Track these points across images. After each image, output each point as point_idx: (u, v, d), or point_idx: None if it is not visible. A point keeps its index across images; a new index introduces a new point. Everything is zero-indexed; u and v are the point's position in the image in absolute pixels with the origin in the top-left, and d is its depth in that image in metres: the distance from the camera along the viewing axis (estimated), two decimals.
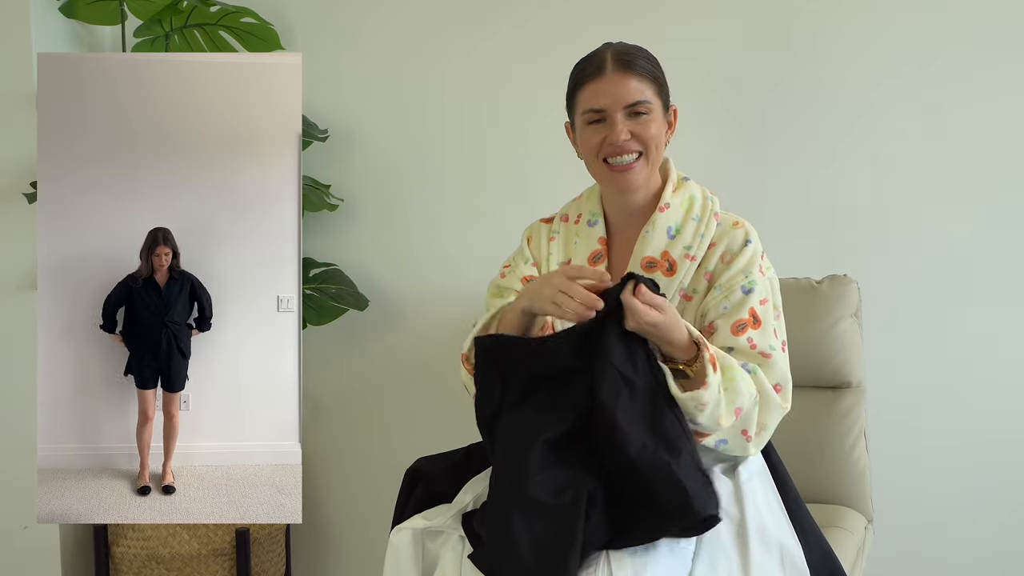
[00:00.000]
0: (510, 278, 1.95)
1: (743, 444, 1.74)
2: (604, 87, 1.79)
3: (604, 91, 1.79)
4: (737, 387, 1.69)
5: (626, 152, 1.79)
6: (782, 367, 1.79)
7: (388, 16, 2.75)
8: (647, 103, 1.79)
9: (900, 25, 2.50)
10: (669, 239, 1.83)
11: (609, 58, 1.80)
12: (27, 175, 2.53)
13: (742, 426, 1.72)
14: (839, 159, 2.55)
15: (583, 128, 1.83)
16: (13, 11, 2.52)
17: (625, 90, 1.78)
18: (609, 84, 1.78)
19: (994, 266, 2.50)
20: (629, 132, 1.79)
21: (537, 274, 1.93)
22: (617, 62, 1.79)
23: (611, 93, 1.78)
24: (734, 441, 1.73)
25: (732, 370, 1.70)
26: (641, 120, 1.79)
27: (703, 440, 1.71)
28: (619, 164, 1.80)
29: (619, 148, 1.79)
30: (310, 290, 2.64)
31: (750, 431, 1.73)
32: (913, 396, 2.54)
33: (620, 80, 1.78)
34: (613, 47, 1.82)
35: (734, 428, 1.71)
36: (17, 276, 2.56)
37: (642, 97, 1.78)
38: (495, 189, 2.72)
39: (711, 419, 1.67)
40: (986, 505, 2.54)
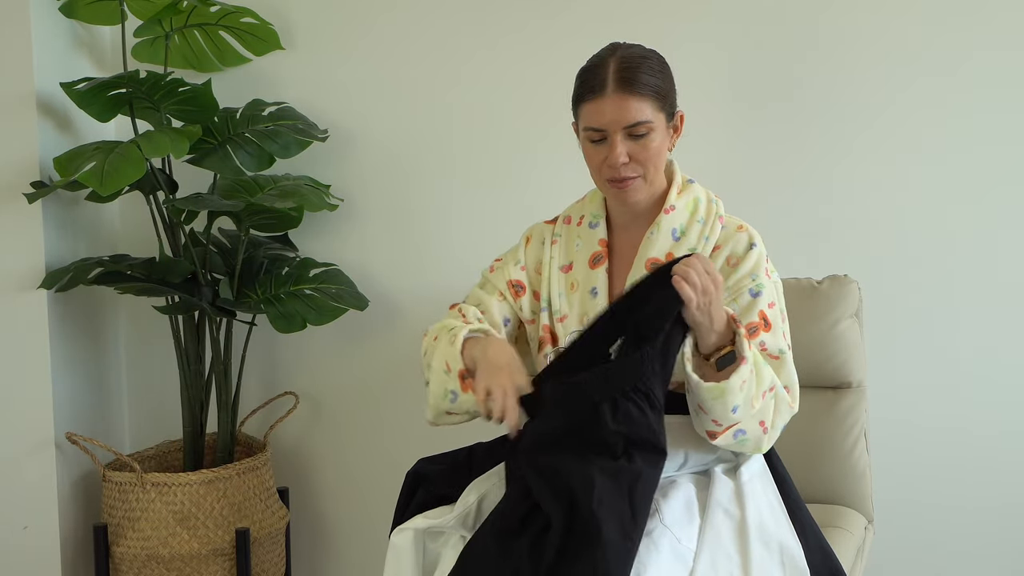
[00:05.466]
0: (497, 275, 1.97)
1: (759, 436, 1.75)
2: (604, 108, 1.78)
3: (604, 112, 1.78)
4: (762, 371, 1.73)
5: (625, 175, 1.80)
6: (791, 369, 1.81)
7: (388, 16, 2.75)
8: (647, 123, 1.78)
9: (901, 27, 2.50)
10: (674, 241, 1.84)
11: (611, 75, 1.78)
12: (27, 175, 2.53)
13: (761, 416, 1.73)
14: (840, 159, 2.55)
15: (585, 143, 1.84)
16: (13, 11, 2.51)
17: (625, 112, 1.77)
18: (609, 105, 1.78)
19: (994, 266, 2.50)
20: (628, 155, 1.79)
21: (525, 280, 1.95)
22: (618, 80, 1.77)
23: (610, 114, 1.78)
24: (752, 431, 1.74)
25: (756, 352, 1.73)
26: (641, 141, 1.79)
27: (722, 435, 1.72)
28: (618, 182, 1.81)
29: (617, 171, 1.80)
30: (310, 290, 2.64)
31: (767, 422, 1.74)
32: (913, 396, 2.54)
33: (620, 101, 1.77)
34: (617, 56, 1.80)
35: (756, 416, 1.72)
36: (17, 275, 2.56)
37: (642, 117, 1.78)
38: (495, 189, 2.72)
39: (747, 400, 1.69)
40: (986, 505, 2.54)
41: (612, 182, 1.82)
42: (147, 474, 2.52)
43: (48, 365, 2.57)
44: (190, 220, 2.64)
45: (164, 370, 2.82)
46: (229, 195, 2.59)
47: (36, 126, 2.54)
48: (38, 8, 2.55)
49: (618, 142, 1.78)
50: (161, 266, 2.58)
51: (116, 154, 2.37)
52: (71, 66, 2.68)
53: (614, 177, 1.81)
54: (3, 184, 2.54)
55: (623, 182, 1.81)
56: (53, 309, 2.59)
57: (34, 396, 2.57)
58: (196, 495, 2.51)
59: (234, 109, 2.67)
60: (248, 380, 2.78)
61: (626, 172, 1.80)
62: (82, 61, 2.74)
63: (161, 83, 2.48)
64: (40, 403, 2.57)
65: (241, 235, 2.61)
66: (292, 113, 2.70)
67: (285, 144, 2.66)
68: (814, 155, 2.56)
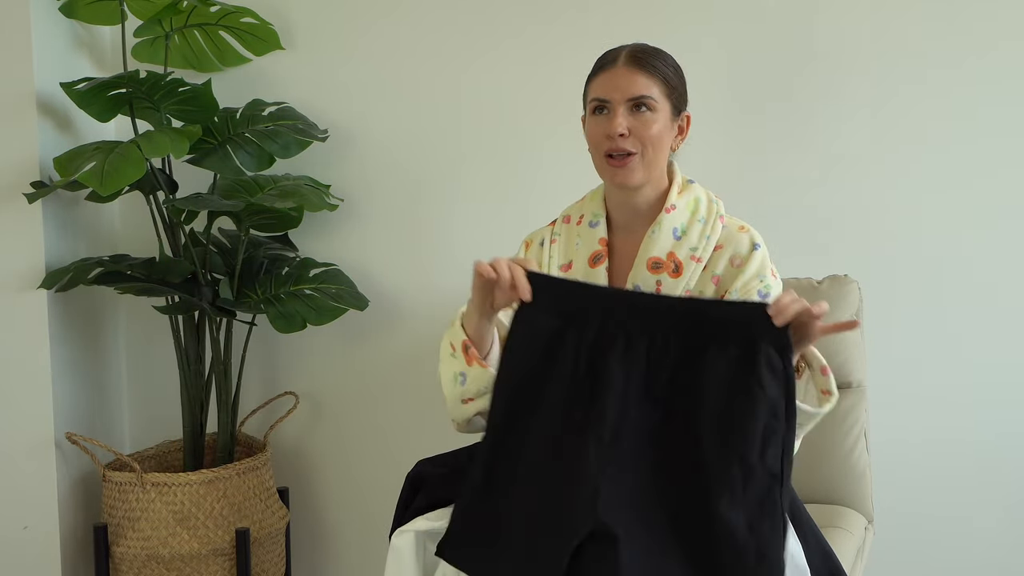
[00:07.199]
0: None
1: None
2: (611, 78, 1.81)
3: (610, 82, 1.81)
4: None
5: (622, 149, 1.80)
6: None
7: (388, 16, 2.74)
8: (651, 99, 1.80)
9: (901, 28, 2.50)
10: (675, 240, 1.84)
11: (624, 52, 1.83)
12: (27, 175, 2.53)
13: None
14: (840, 159, 2.55)
15: (589, 117, 1.86)
16: (13, 11, 2.51)
17: (631, 83, 1.80)
18: (616, 76, 1.81)
19: (994, 266, 2.50)
20: (628, 128, 1.79)
21: None
22: (630, 57, 1.82)
23: (616, 84, 1.81)
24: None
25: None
26: (643, 116, 1.80)
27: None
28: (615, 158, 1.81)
29: (615, 142, 1.80)
30: (310, 290, 2.64)
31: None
32: (913, 396, 2.54)
33: (628, 74, 1.80)
34: (633, 44, 1.85)
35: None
36: (17, 275, 2.56)
37: (647, 93, 1.80)
38: (496, 188, 2.72)
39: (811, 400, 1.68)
40: (986, 505, 2.54)
41: (610, 158, 1.81)
42: (147, 474, 2.52)
43: (48, 365, 2.57)
44: (190, 220, 2.64)
45: (164, 370, 2.82)
46: (229, 195, 2.59)
47: (36, 126, 2.54)
48: (38, 8, 2.55)
49: (620, 113, 1.80)
50: (161, 266, 2.58)
51: (116, 154, 2.37)
52: (71, 66, 2.68)
53: (612, 150, 1.81)
54: (3, 184, 2.54)
55: (621, 159, 1.80)
56: (53, 309, 2.58)
57: (34, 396, 2.57)
58: (196, 495, 2.51)
59: (234, 109, 2.67)
60: (248, 380, 2.78)
61: (624, 144, 1.80)
62: (82, 61, 2.74)
63: (161, 83, 2.48)
64: (40, 403, 2.57)
65: (241, 235, 2.61)
66: (292, 113, 2.70)
67: (285, 144, 2.66)
68: (814, 155, 2.56)
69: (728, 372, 1.58)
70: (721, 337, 1.59)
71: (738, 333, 1.58)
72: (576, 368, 1.64)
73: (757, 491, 1.55)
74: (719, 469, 1.56)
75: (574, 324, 1.66)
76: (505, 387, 1.69)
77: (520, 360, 1.68)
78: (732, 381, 1.57)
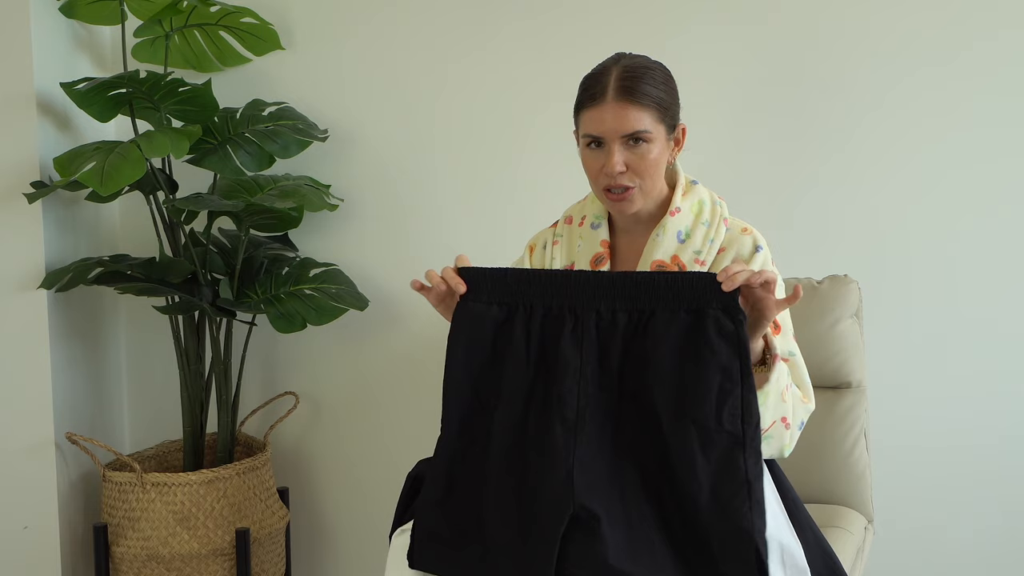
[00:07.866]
0: None
1: (782, 434, 1.73)
2: (603, 115, 1.77)
3: (602, 119, 1.77)
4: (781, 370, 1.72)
5: (621, 185, 1.79)
6: (803, 371, 1.81)
7: (388, 16, 2.75)
8: (646, 132, 1.77)
9: (901, 28, 2.50)
10: (679, 243, 1.84)
11: (612, 83, 1.77)
12: (27, 175, 2.53)
13: (782, 412, 1.72)
14: (839, 160, 2.55)
15: (583, 150, 1.83)
16: (13, 11, 2.52)
17: (623, 120, 1.76)
18: (607, 113, 1.77)
19: (994, 266, 2.50)
20: (625, 163, 1.78)
21: None
22: (619, 89, 1.77)
23: (609, 122, 1.77)
24: (776, 430, 1.72)
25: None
26: (639, 149, 1.78)
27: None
28: (615, 193, 1.81)
29: (614, 179, 1.79)
30: (310, 290, 2.64)
31: (788, 418, 1.74)
32: (913, 396, 2.54)
33: (619, 110, 1.76)
34: (620, 65, 1.80)
35: (778, 410, 1.71)
36: (17, 275, 2.56)
37: (640, 127, 1.77)
38: (495, 189, 2.72)
39: (777, 393, 1.68)
40: (986, 504, 2.54)
41: (608, 192, 1.81)
42: (147, 474, 2.52)
43: (48, 365, 2.57)
44: (190, 220, 2.64)
45: (164, 370, 2.82)
46: (229, 195, 2.59)
47: (36, 126, 2.54)
48: (38, 8, 2.55)
49: (615, 150, 1.77)
50: (161, 266, 2.58)
51: (116, 154, 2.37)
52: (71, 66, 2.68)
53: (610, 186, 1.80)
54: (3, 184, 2.54)
55: (619, 194, 1.80)
56: (53, 309, 2.59)
57: (34, 396, 2.57)
58: (196, 495, 2.51)
59: (234, 109, 2.67)
60: (248, 380, 2.79)
61: (622, 181, 1.79)
62: (82, 61, 2.74)
63: (161, 83, 2.48)
64: (40, 403, 2.57)
65: (241, 235, 2.61)
66: (292, 113, 2.70)
67: (285, 144, 2.66)
68: (814, 156, 2.56)
69: (678, 338, 1.59)
70: (669, 301, 1.60)
71: (686, 297, 1.59)
72: (528, 354, 1.65)
73: (718, 455, 1.57)
74: (679, 439, 1.57)
75: (518, 312, 1.66)
76: (457, 389, 1.68)
77: (469, 357, 1.68)
78: (682, 348, 1.59)
